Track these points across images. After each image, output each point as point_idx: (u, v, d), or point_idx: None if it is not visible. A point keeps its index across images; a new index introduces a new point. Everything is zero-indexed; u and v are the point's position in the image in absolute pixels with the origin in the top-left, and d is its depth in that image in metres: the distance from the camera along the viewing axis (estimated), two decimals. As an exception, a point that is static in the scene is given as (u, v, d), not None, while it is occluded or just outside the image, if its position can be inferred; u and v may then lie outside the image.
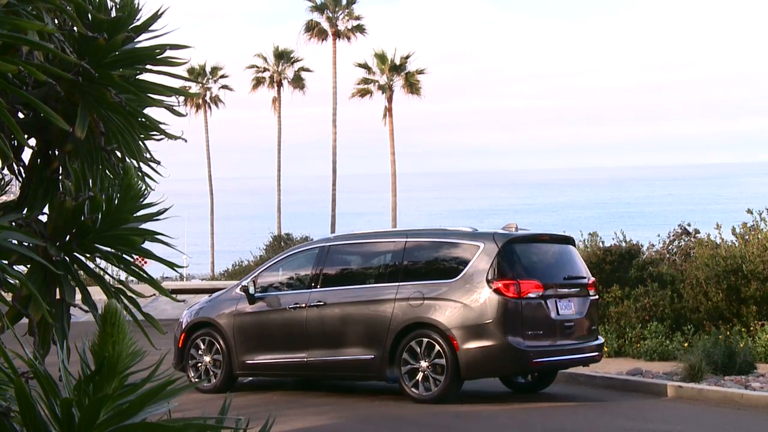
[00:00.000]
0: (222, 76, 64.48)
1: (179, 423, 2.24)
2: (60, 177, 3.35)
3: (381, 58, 54.26)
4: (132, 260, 3.32)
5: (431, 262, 14.03)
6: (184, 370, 14.85)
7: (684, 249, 22.53)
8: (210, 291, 19.55)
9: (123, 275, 3.77)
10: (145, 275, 3.29)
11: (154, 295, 3.96)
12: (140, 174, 3.44)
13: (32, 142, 3.37)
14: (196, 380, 14.35)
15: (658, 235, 23.70)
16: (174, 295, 3.51)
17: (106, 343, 2.21)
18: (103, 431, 2.14)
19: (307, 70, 61.29)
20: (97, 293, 3.29)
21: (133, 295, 3.30)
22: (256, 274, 15.10)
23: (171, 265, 3.48)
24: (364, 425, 11.95)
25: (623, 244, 21.22)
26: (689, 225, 23.12)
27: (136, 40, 3.41)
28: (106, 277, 3.38)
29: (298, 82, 60.72)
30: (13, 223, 3.12)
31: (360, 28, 56.47)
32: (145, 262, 3.79)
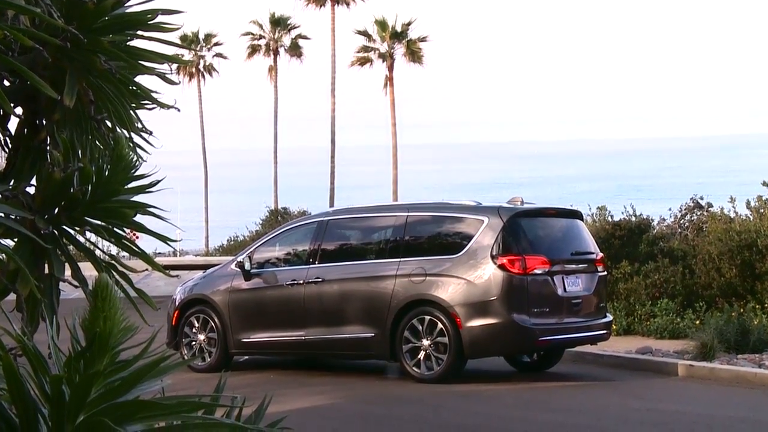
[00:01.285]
0: (216, 44, 64.40)
1: (173, 401, 2.24)
2: (48, 147, 3.34)
3: (381, 25, 54.10)
4: (123, 234, 3.31)
5: (433, 237, 14.03)
6: (178, 348, 14.89)
7: (696, 223, 22.54)
8: (204, 267, 19.56)
9: (114, 249, 3.76)
10: (137, 249, 3.29)
11: (147, 270, 3.92)
12: (131, 144, 3.43)
13: (19, 110, 3.36)
14: (188, 361, 14.41)
15: (669, 209, 23.70)
16: (167, 271, 3.51)
17: (97, 319, 2.20)
18: (94, 409, 2.14)
19: (305, 37, 61.15)
20: (87, 269, 3.28)
21: (125, 270, 3.30)
22: (252, 249, 15.12)
23: (164, 239, 3.48)
24: (363, 405, 11.99)
25: (633, 219, 21.22)
26: (701, 198, 23.12)
27: (126, 5, 3.39)
28: (97, 251, 3.38)
29: (295, 50, 60.58)
30: (0, 195, 3.11)
31: (360, -7, 56.22)
32: (137, 237, 3.79)
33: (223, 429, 2.33)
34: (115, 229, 3.26)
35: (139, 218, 3.31)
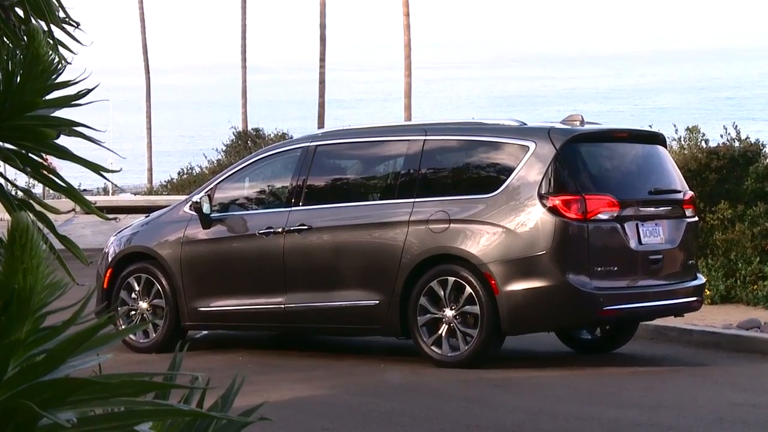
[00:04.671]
0: None
1: (115, 379, 2.27)
2: (-60, 45, 3.37)
3: None
4: (42, 162, 3.33)
5: (460, 169, 14.06)
6: (112, 320, 14.98)
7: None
8: (147, 210, 19.66)
9: (26, 181, 3.80)
10: (62, 183, 3.31)
11: (73, 211, 3.95)
12: (51, 41, 3.45)
13: None
14: (129, 330, 14.52)
15: (787, 131, 23.65)
16: (104, 213, 3.53)
17: (14, 272, 2.21)
18: (13, 389, 2.17)
19: None
20: (-9, 210, 3.31)
21: (45, 211, 3.32)
22: (212, 186, 15.16)
23: (97, 168, 3.48)
24: (365, 397, 12.08)
25: (736, 144, 21.19)
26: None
27: None
28: (4, 184, 3.40)
29: None
30: None
31: None
32: (53, 166, 3.79)
33: (183, 417, 2.37)
34: (30, 155, 3.29)
35: (63, 141, 3.32)
